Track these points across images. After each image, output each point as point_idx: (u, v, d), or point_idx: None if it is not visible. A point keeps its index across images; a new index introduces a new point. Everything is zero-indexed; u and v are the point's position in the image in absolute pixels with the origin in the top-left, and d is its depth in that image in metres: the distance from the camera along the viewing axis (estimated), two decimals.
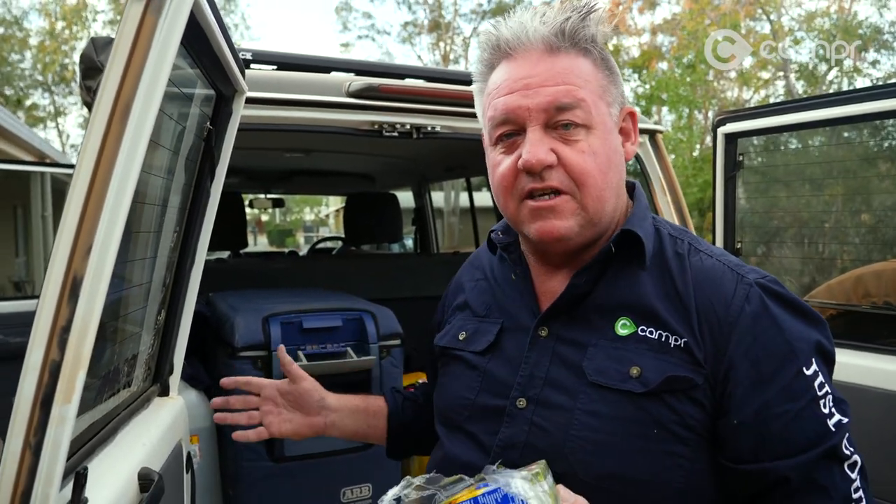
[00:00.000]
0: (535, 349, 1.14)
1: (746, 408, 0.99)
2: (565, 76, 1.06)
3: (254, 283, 3.01)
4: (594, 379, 1.06)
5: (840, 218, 2.33)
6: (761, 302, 1.02)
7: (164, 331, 1.45)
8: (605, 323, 1.09)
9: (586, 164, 1.05)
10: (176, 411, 1.46)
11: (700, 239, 1.16)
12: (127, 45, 0.80)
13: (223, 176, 1.45)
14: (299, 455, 1.98)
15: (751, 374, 1.00)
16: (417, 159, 3.95)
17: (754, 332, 1.01)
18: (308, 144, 3.43)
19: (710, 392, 1.01)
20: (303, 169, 4.51)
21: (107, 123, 0.80)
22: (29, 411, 0.79)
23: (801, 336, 1.01)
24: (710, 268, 1.08)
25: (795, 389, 0.98)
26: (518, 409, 1.11)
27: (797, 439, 0.98)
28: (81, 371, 0.82)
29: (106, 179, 0.80)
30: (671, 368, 1.02)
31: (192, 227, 1.42)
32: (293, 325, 2.00)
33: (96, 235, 0.80)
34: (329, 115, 2.01)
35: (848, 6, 16.37)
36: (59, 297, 0.79)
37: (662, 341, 1.04)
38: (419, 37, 23.79)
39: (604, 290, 1.11)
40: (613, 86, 1.12)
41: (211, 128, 1.38)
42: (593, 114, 1.06)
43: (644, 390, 1.02)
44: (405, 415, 1.51)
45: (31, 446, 0.79)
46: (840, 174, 2.28)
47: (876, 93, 1.95)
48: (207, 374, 2.06)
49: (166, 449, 1.32)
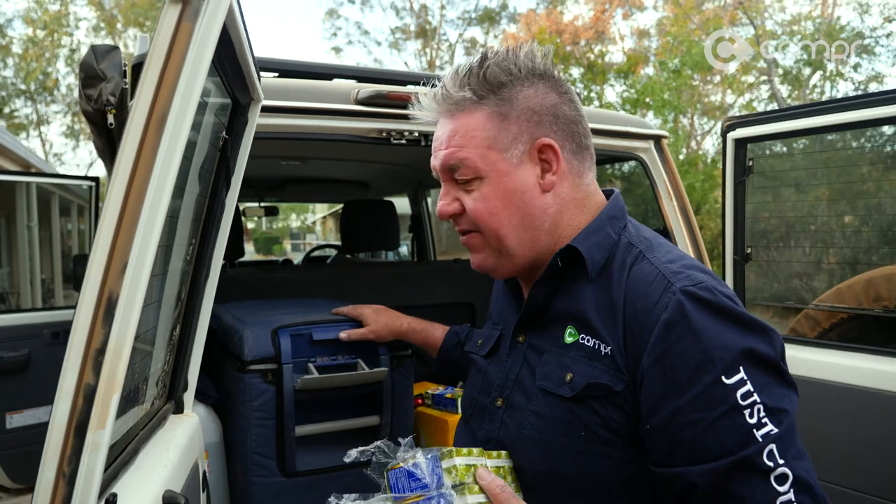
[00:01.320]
0: (513, 354, 1.27)
1: (657, 414, 1.02)
2: (451, 139, 1.19)
3: (252, 293, 2.96)
4: (540, 383, 1.17)
5: (849, 221, 2.33)
6: (680, 309, 1.01)
7: (178, 346, 1.40)
8: (559, 331, 1.19)
9: (478, 209, 1.19)
10: (192, 429, 1.42)
11: (660, 246, 1.17)
12: (162, 52, 0.77)
13: (238, 186, 1.41)
14: (311, 470, 1.93)
15: (663, 381, 1.01)
16: (414, 166, 3.92)
17: (668, 339, 1.01)
18: (306, 152, 3.39)
19: (631, 398, 1.06)
20: (297, 177, 4.46)
21: (141, 134, 0.76)
22: (63, 439, 0.75)
23: (723, 344, 0.99)
24: (645, 275, 1.10)
25: (711, 398, 0.98)
26: (495, 407, 1.26)
27: (710, 448, 0.97)
28: (116, 394, 0.78)
29: (141, 194, 0.76)
30: (595, 375, 1.09)
31: (207, 239, 1.39)
32: (303, 336, 1.95)
33: (132, 252, 0.76)
34: (336, 123, 1.99)
35: (830, 11, 16.58)
36: (93, 317, 0.76)
37: (595, 349, 1.11)
38: (406, 43, 23.81)
39: (559, 301, 1.21)
40: (512, 125, 1.18)
41: (227, 137, 1.34)
42: (479, 165, 1.17)
43: (571, 395, 1.11)
44: (453, 354, 1.91)
45: (66, 475, 0.75)
46: (849, 178, 2.28)
47: (886, 98, 1.95)
48: (217, 388, 2.01)
49: (185, 469, 1.28)
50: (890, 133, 2.13)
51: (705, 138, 20.44)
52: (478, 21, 22.65)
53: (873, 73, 16.87)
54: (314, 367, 1.93)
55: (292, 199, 6.99)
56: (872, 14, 16.03)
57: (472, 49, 23.41)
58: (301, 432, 1.90)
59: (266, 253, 29.93)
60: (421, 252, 4.94)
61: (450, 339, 1.95)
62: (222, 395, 1.98)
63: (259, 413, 1.85)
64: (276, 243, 35.69)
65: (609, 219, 1.21)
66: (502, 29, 22.79)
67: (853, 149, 2.21)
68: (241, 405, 1.86)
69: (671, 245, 1.20)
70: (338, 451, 2.00)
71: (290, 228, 40.93)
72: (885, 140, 2.08)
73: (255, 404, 1.85)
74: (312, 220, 37.40)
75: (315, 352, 1.97)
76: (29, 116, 22.24)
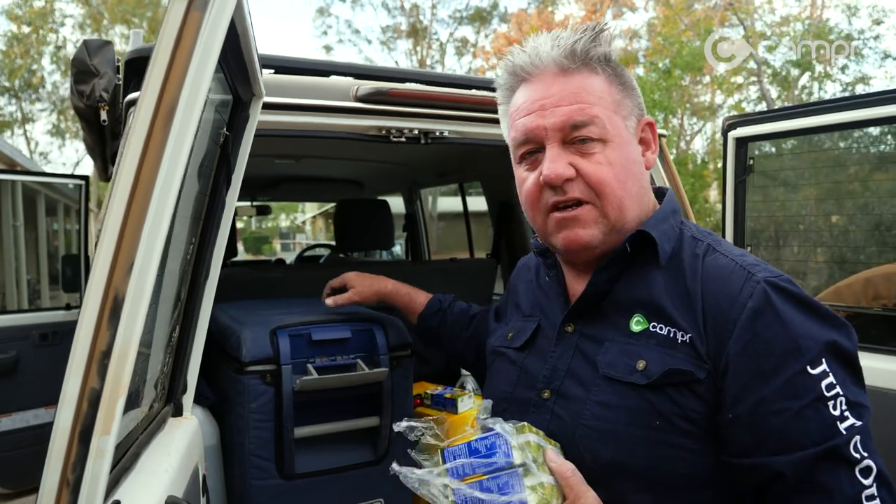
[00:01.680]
0: (561, 344, 1.21)
1: (742, 403, 1.00)
2: (578, 95, 1.13)
3: (247, 293, 2.92)
4: (605, 371, 1.12)
5: (849, 220, 2.33)
6: (766, 298, 1.01)
7: (177, 347, 1.37)
8: (622, 319, 1.14)
9: (604, 175, 1.12)
10: (191, 432, 1.39)
11: (723, 241, 1.18)
12: (170, 44, 0.74)
13: (239, 184, 1.38)
14: (310, 472, 1.91)
15: (749, 369, 1.00)
16: (409, 164, 3.90)
17: (755, 327, 1.00)
18: (301, 150, 3.36)
19: (713, 386, 1.03)
20: (291, 176, 4.42)
21: (148, 129, 0.74)
22: (66, 445, 0.72)
23: (809, 334, 0.99)
24: (722, 266, 1.09)
25: (797, 387, 0.97)
26: (542, 399, 1.19)
27: (796, 437, 0.96)
28: (121, 398, 0.75)
29: (147, 190, 0.73)
30: (673, 362, 1.05)
31: (207, 238, 1.36)
32: (302, 337, 1.92)
33: (138, 251, 0.73)
34: (335, 121, 1.96)
35: (819, 12, 16.70)
36: (98, 319, 0.73)
37: (670, 337, 1.07)
38: (397, 41, 23.76)
39: (622, 289, 1.16)
40: (628, 99, 1.18)
41: (227, 133, 1.31)
42: (608, 128, 1.13)
43: (646, 382, 1.06)
44: (431, 322, 1.92)
45: (70, 483, 0.72)
46: (849, 177, 2.28)
47: (887, 97, 1.95)
48: (213, 390, 1.98)
49: (186, 473, 1.25)
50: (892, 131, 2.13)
51: (695, 138, 20.56)
52: (469, 20, 22.62)
53: (860, 74, 17.02)
54: (313, 367, 1.90)
55: (285, 199, 6.95)
56: (861, 16, 16.16)
57: (462, 48, 23.41)
58: (300, 434, 1.87)
59: (255, 253, 29.75)
60: (415, 252, 4.92)
61: (431, 306, 1.94)
62: (219, 397, 1.95)
63: (257, 415, 1.82)
64: (265, 243, 35.52)
65: (672, 212, 1.21)
66: (493, 28, 22.79)
67: (856, 147, 2.21)
68: (239, 407, 1.83)
69: (728, 241, 1.21)
70: (337, 452, 1.98)
71: (280, 228, 40.75)
72: (888, 139, 2.09)
73: (253, 406, 1.81)
74: (302, 220, 37.26)
75: (314, 352, 1.94)
76: (13, 114, 22.00)
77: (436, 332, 1.94)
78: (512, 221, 3.61)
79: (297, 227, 39.29)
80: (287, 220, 40.53)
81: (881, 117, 1.90)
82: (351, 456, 1.98)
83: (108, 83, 1.97)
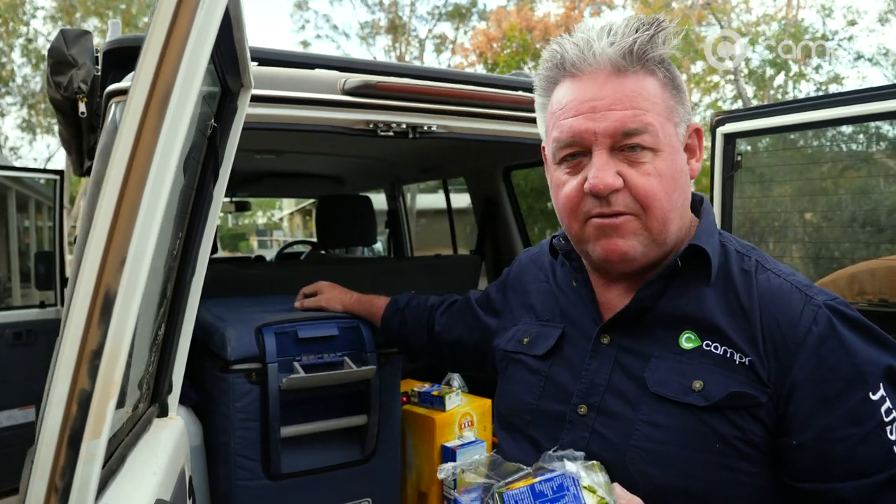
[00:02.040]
0: (597, 357, 1.14)
1: (808, 429, 0.98)
2: (633, 99, 1.04)
3: (228, 290, 2.87)
4: (655, 390, 1.06)
5: (835, 216, 2.34)
6: (829, 324, 1.00)
7: (163, 346, 1.33)
8: (669, 336, 1.08)
9: (652, 187, 1.05)
10: (177, 434, 1.34)
11: (767, 257, 1.14)
12: (164, 27, 0.70)
13: (227, 178, 1.34)
14: (296, 472, 1.87)
15: (815, 395, 0.98)
16: (392, 160, 3.86)
17: (820, 353, 0.98)
18: (283, 145, 3.30)
19: (773, 411, 1.00)
20: (272, 171, 4.36)
21: (141, 116, 0.70)
22: (54, 451, 0.69)
23: (871, 360, 0.98)
24: (777, 287, 1.06)
25: (861, 414, 0.96)
26: (579, 415, 1.12)
27: (860, 463, 0.96)
28: (112, 400, 0.72)
29: (141, 180, 0.70)
30: (734, 385, 1.01)
31: (194, 233, 1.31)
32: (288, 334, 1.89)
33: (131, 245, 0.70)
34: (322, 114, 1.91)
35: (795, 13, 16.92)
36: (88, 317, 0.69)
37: (727, 357, 1.03)
38: (376, 38, 23.63)
39: (668, 303, 1.10)
40: (680, 105, 1.11)
41: (215, 125, 1.27)
42: (660, 136, 1.05)
43: (706, 404, 1.01)
44: (392, 324, 1.92)
45: (58, 490, 0.69)
46: (836, 173, 2.29)
47: (873, 95, 1.96)
48: (196, 389, 1.93)
49: (173, 475, 1.21)
50: (878, 128, 2.15)
51: None
52: (448, 17, 22.57)
53: (833, 74, 17.28)
54: (300, 365, 1.86)
55: (266, 195, 6.87)
56: (835, 17, 16.43)
57: (441, 45, 23.34)
58: (286, 433, 1.84)
59: (232, 250, 29.42)
60: (398, 248, 4.88)
61: (389, 308, 1.93)
62: (203, 397, 1.91)
63: (243, 414, 1.78)
64: (242, 240, 35.15)
65: (714, 224, 1.16)
66: (472, 25, 22.75)
67: (842, 144, 2.23)
68: (223, 406, 1.79)
69: (770, 256, 1.18)
70: (324, 451, 1.95)
71: (257, 225, 40.36)
72: (875, 136, 2.11)
73: (238, 405, 1.78)
74: (279, 217, 36.96)
75: (300, 350, 1.90)
76: None
77: (398, 331, 1.92)
78: (497, 218, 3.59)
79: (275, 224, 38.96)
80: (264, 216, 40.16)
81: (869, 114, 1.91)
82: (338, 455, 1.95)
83: (87, 74, 1.91)
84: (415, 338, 1.89)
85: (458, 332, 1.71)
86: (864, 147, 2.55)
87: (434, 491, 2.09)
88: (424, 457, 2.11)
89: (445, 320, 1.78)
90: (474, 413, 2.17)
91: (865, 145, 2.34)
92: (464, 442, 2.09)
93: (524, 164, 3.50)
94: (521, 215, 3.56)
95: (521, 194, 7.62)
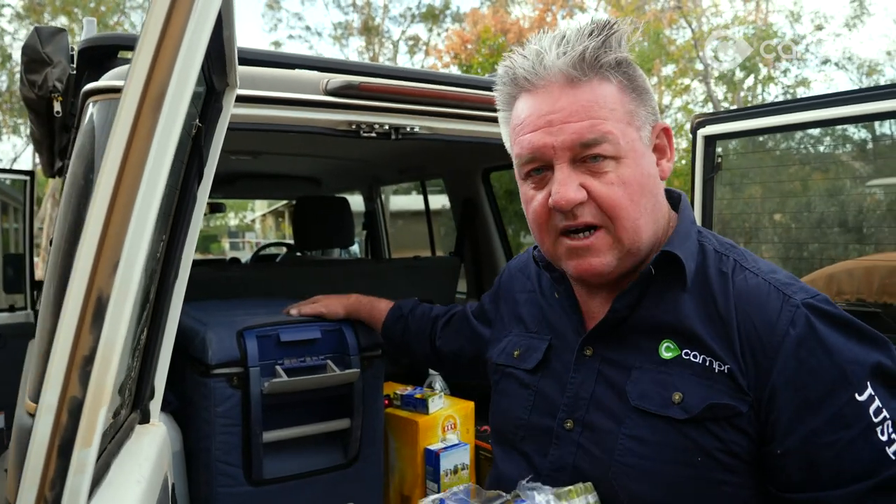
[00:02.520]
0: (581, 369, 1.12)
1: (792, 436, 0.95)
2: (588, 110, 1.02)
3: (205, 293, 2.82)
4: (637, 403, 1.04)
5: (813, 217, 2.38)
6: (807, 324, 0.97)
7: (145, 351, 1.30)
8: (650, 345, 1.06)
9: (617, 197, 1.03)
10: (160, 441, 1.31)
11: (748, 254, 1.11)
12: (159, 21, 0.68)
13: (211, 178, 1.32)
14: (279, 477, 1.85)
15: (797, 400, 0.95)
16: (371, 161, 3.84)
17: (799, 356, 0.95)
18: (260, 146, 3.27)
19: (755, 420, 0.98)
20: (248, 172, 4.31)
21: (135, 115, 0.68)
22: (44, 460, 0.66)
23: (855, 358, 0.95)
24: (754, 288, 1.03)
25: (847, 416, 0.93)
26: (565, 430, 1.10)
27: (849, 469, 0.93)
28: (104, 407, 0.70)
29: (135, 182, 0.68)
30: (714, 396, 0.99)
31: (178, 235, 1.29)
32: (270, 338, 1.86)
33: (124, 247, 0.68)
34: (304, 115, 1.89)
35: (764, 17, 17.26)
36: (79, 321, 0.67)
37: (706, 366, 1.01)
38: (349, 39, 23.52)
39: (646, 312, 1.08)
40: (642, 107, 1.08)
41: (200, 125, 1.25)
42: (622, 143, 1.03)
43: (686, 417, 0.99)
44: (394, 330, 1.90)
45: (48, 501, 0.66)
46: (814, 175, 2.33)
47: (852, 97, 1.99)
48: (174, 394, 1.90)
49: (157, 484, 1.18)
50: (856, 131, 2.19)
51: None
52: (421, 18, 22.55)
53: (801, 77, 17.66)
54: (282, 369, 1.84)
55: (241, 196, 6.79)
56: (803, 22, 16.80)
57: (415, 47, 23.32)
58: (269, 438, 1.81)
59: (203, 252, 29.01)
60: (375, 250, 4.85)
61: (393, 313, 1.91)
62: (182, 402, 1.87)
63: (224, 419, 1.75)
64: (213, 242, 34.70)
65: (691, 224, 1.13)
66: (447, 27, 22.77)
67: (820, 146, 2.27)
68: (204, 411, 1.76)
69: (752, 253, 1.14)
70: (307, 456, 1.93)
71: (229, 227, 39.88)
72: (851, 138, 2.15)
73: (219, 410, 1.75)
74: (252, 218, 36.56)
75: (283, 353, 1.88)
76: None
77: (401, 338, 1.90)
78: (476, 219, 3.59)
79: (247, 226, 38.53)
80: (236, 218, 39.69)
81: (850, 116, 1.94)
82: (321, 460, 1.93)
83: (62, 73, 1.87)
84: (418, 347, 1.87)
85: (458, 345, 1.71)
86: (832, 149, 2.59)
87: (417, 494, 2.08)
88: (408, 460, 2.10)
89: (446, 332, 1.77)
90: (457, 416, 2.16)
91: (833, 147, 2.39)
92: (447, 445, 2.08)
93: (503, 165, 3.50)
94: (500, 217, 3.57)
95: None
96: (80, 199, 1.30)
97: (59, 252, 1.27)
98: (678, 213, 1.15)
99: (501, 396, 1.27)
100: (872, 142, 2.64)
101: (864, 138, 2.83)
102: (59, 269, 1.25)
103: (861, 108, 1.93)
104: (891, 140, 2.67)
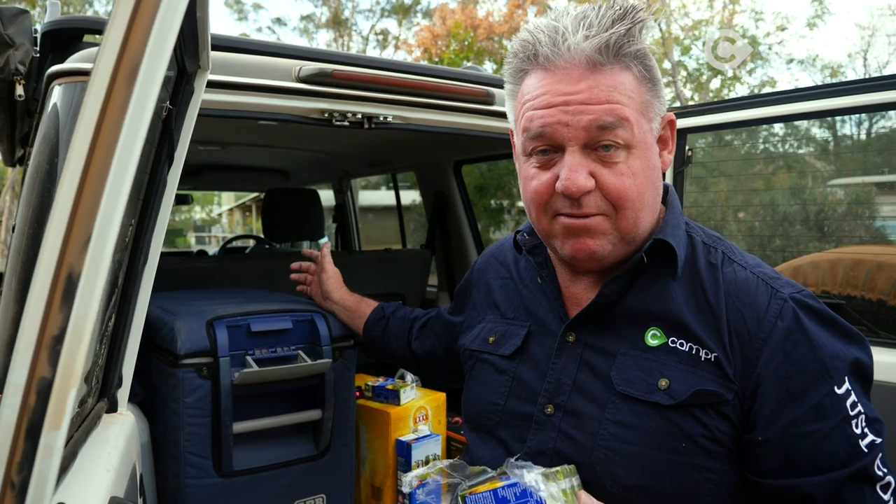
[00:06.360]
0: (563, 355, 1.12)
1: (773, 425, 0.98)
2: (609, 94, 1.00)
3: (174, 284, 2.78)
4: (622, 389, 1.04)
5: (779, 211, 2.43)
6: (795, 317, 1.00)
7: (112, 339, 1.27)
8: (635, 332, 1.07)
9: (626, 188, 1.02)
10: (128, 430, 1.29)
11: (735, 247, 1.13)
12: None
13: (182, 163, 1.29)
14: (250, 469, 1.82)
15: (780, 391, 0.98)
16: (341, 153, 3.81)
17: (785, 348, 0.99)
18: (228, 136, 3.21)
19: (739, 407, 1.00)
20: (215, 164, 4.24)
21: (107, 89, 0.66)
22: (11, 443, 0.64)
23: (836, 354, 0.99)
24: (743, 280, 1.05)
25: (826, 408, 0.97)
26: (546, 415, 1.10)
27: (825, 458, 0.97)
28: (73, 389, 0.67)
29: (107, 155, 0.66)
30: (700, 382, 1.00)
31: (147, 219, 1.26)
32: (240, 328, 1.83)
33: (96, 223, 0.65)
34: (275, 102, 1.86)
35: (729, 17, 17.55)
36: (48, 299, 0.65)
37: (693, 354, 1.02)
38: (318, 32, 23.28)
39: (634, 299, 1.09)
40: (656, 98, 1.08)
41: (171, 107, 1.22)
42: (635, 133, 1.02)
43: (672, 403, 1.01)
44: (375, 330, 1.89)
45: (15, 485, 0.64)
46: (781, 169, 2.37)
47: (823, 91, 2.03)
48: (141, 385, 1.86)
49: (125, 473, 1.15)
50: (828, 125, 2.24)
51: None
52: (391, 12, 22.43)
53: (767, 77, 18.03)
54: (252, 359, 1.82)
55: (207, 188, 6.68)
56: (766, 21, 17.14)
57: (385, 41, 23.18)
58: (239, 429, 1.79)
59: (169, 246, 28.47)
60: (345, 243, 4.82)
61: (374, 314, 1.91)
62: (150, 393, 1.83)
63: (193, 410, 1.72)
64: (179, 236, 34.09)
65: (680, 213, 1.14)
66: (416, 22, 22.68)
67: (788, 140, 2.32)
68: (172, 402, 1.73)
69: (737, 246, 1.17)
70: (278, 447, 1.91)
71: (194, 220, 39.22)
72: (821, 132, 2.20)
73: (188, 401, 1.72)
74: (218, 212, 36.04)
75: (253, 343, 1.85)
76: None
77: (381, 338, 1.90)
78: (447, 211, 3.59)
79: (213, 220, 37.97)
80: (202, 212, 39.08)
81: (821, 110, 1.98)
82: (292, 451, 1.91)
83: (25, 55, 1.81)
84: (396, 347, 1.87)
85: (431, 343, 1.72)
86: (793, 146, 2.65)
87: (388, 485, 2.08)
88: (379, 451, 2.09)
89: (422, 333, 1.77)
90: (429, 407, 2.16)
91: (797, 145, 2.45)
92: (419, 436, 2.08)
93: (475, 158, 3.50)
94: (472, 210, 3.57)
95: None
96: (44, 183, 1.27)
97: (23, 237, 1.23)
98: (667, 203, 1.16)
99: (475, 382, 1.26)
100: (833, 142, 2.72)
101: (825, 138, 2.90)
102: (24, 255, 1.22)
103: (829, 103, 1.97)
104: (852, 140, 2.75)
